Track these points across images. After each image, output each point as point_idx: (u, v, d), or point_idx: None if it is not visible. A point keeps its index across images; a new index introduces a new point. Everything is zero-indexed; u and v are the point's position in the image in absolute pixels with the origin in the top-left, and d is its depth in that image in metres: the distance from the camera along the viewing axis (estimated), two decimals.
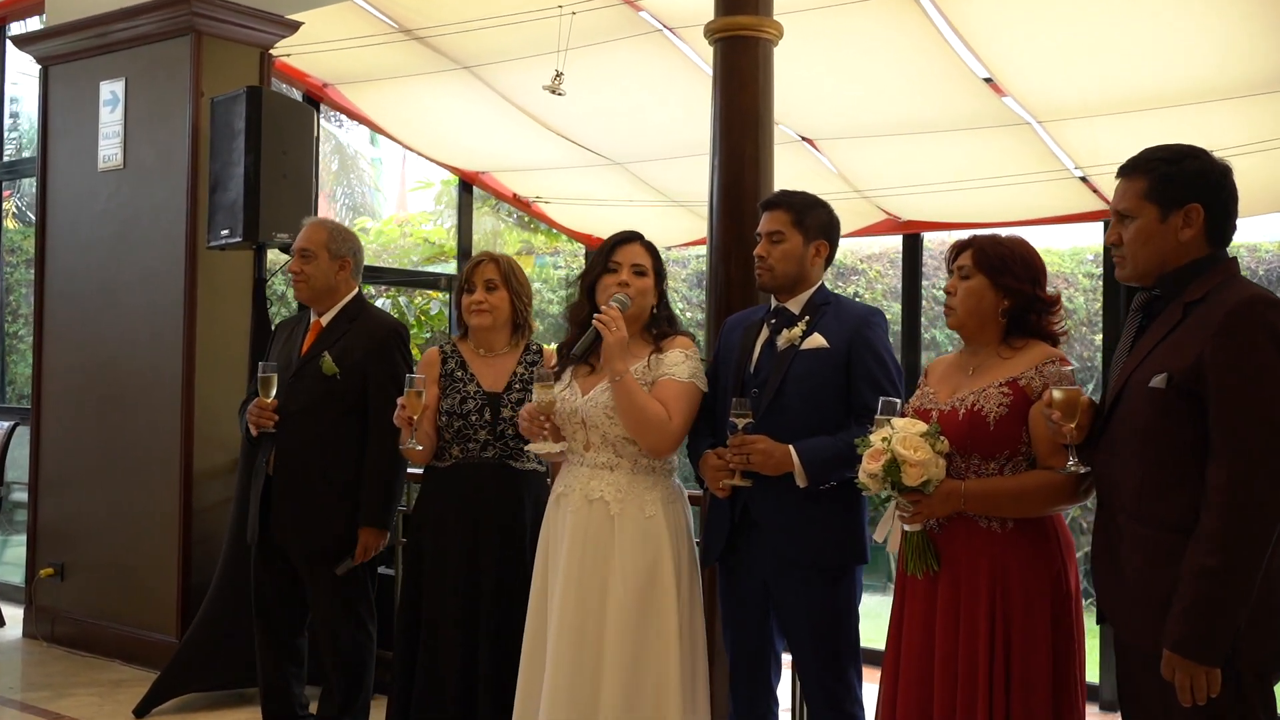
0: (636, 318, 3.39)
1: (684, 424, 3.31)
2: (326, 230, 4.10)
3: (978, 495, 2.77)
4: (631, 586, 3.23)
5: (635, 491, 3.31)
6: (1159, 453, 2.46)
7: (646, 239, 3.47)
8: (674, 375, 3.32)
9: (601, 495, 3.31)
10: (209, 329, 5.37)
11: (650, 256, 3.42)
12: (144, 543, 5.48)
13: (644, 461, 3.34)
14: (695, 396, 3.34)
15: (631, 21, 5.60)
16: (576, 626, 3.23)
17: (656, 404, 3.27)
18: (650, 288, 3.40)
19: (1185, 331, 2.45)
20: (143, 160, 5.59)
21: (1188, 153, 2.53)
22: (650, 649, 3.23)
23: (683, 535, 3.37)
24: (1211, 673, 2.33)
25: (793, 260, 3.30)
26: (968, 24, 5.08)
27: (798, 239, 3.30)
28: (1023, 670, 2.72)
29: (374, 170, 13.83)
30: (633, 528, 3.28)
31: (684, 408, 3.31)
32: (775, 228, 3.31)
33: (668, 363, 3.34)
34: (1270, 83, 4.90)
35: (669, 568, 3.28)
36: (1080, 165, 5.81)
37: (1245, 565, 2.31)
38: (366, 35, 6.03)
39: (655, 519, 3.31)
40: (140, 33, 5.56)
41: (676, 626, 3.26)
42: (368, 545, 3.94)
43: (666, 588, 3.27)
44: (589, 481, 3.33)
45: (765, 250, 3.32)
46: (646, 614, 3.23)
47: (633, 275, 3.37)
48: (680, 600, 3.28)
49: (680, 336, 3.41)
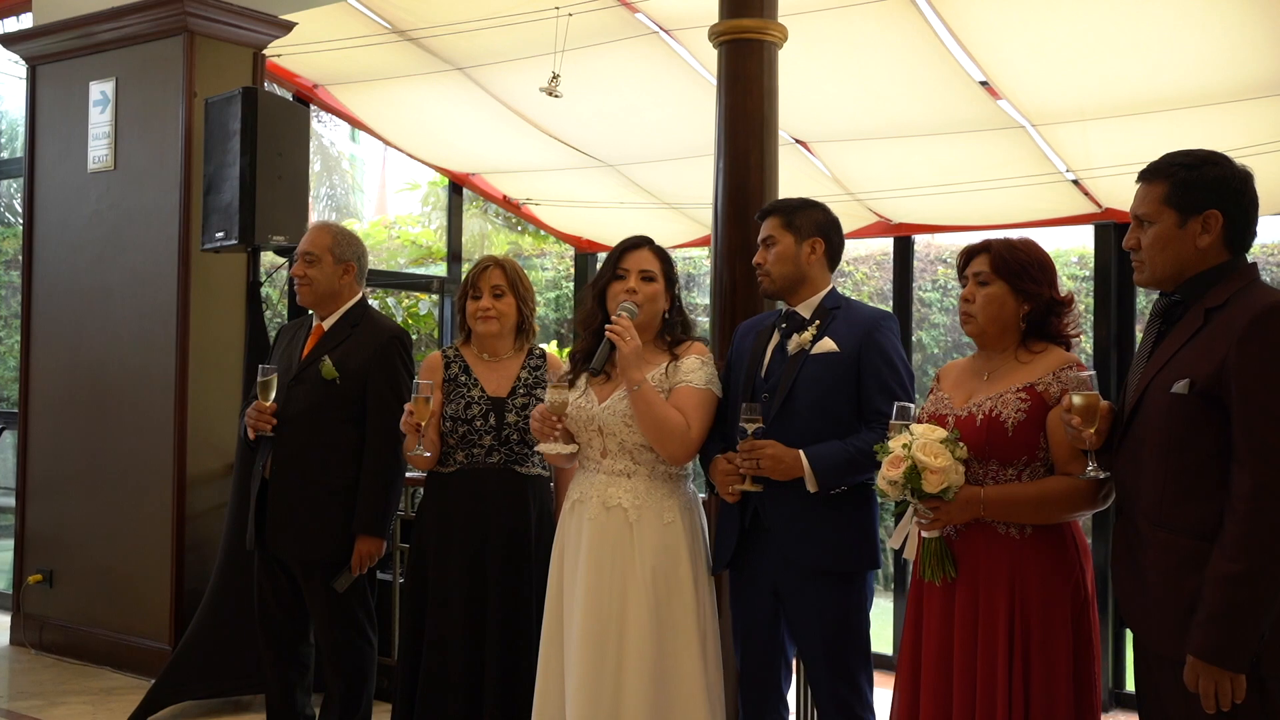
0: (648, 324, 3.37)
1: (702, 431, 3.31)
2: (331, 234, 4.05)
3: (997, 502, 2.77)
4: (651, 594, 3.22)
5: (653, 498, 3.30)
6: (1181, 459, 2.46)
7: (656, 244, 3.45)
8: (691, 382, 3.31)
9: (619, 502, 3.29)
10: (202, 332, 5.32)
11: (659, 261, 3.41)
12: (136, 548, 5.42)
13: (661, 468, 3.33)
14: (712, 403, 3.34)
15: (627, 23, 5.58)
16: (597, 633, 3.21)
17: (675, 412, 3.26)
18: (659, 293, 3.38)
19: (1207, 337, 2.45)
20: (134, 161, 5.53)
21: (1208, 158, 2.53)
22: (673, 657, 3.22)
23: (699, 541, 3.36)
24: (1236, 679, 2.33)
25: (787, 261, 3.31)
26: (966, 27, 5.09)
27: (789, 239, 3.32)
28: (1044, 677, 2.72)
29: (354, 170, 13.73)
30: (651, 534, 3.27)
31: (702, 415, 3.30)
32: (768, 233, 3.36)
33: (684, 369, 3.33)
34: (1264, 87, 4.93)
35: (688, 574, 3.28)
36: (1072, 168, 5.83)
37: (1269, 571, 2.32)
38: (359, 36, 5.99)
39: (674, 525, 3.30)
40: (131, 32, 5.50)
41: (699, 633, 3.25)
42: (364, 554, 3.88)
43: (686, 595, 3.26)
44: (606, 489, 3.31)
45: (761, 257, 3.36)
46: (666, 621, 3.23)
47: (640, 282, 3.36)
48: (700, 607, 3.28)
49: (695, 342, 3.40)
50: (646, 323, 3.36)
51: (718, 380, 3.38)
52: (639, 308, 3.32)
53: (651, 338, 3.39)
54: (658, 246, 3.45)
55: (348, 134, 12.94)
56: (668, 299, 3.41)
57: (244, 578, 4.52)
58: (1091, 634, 2.80)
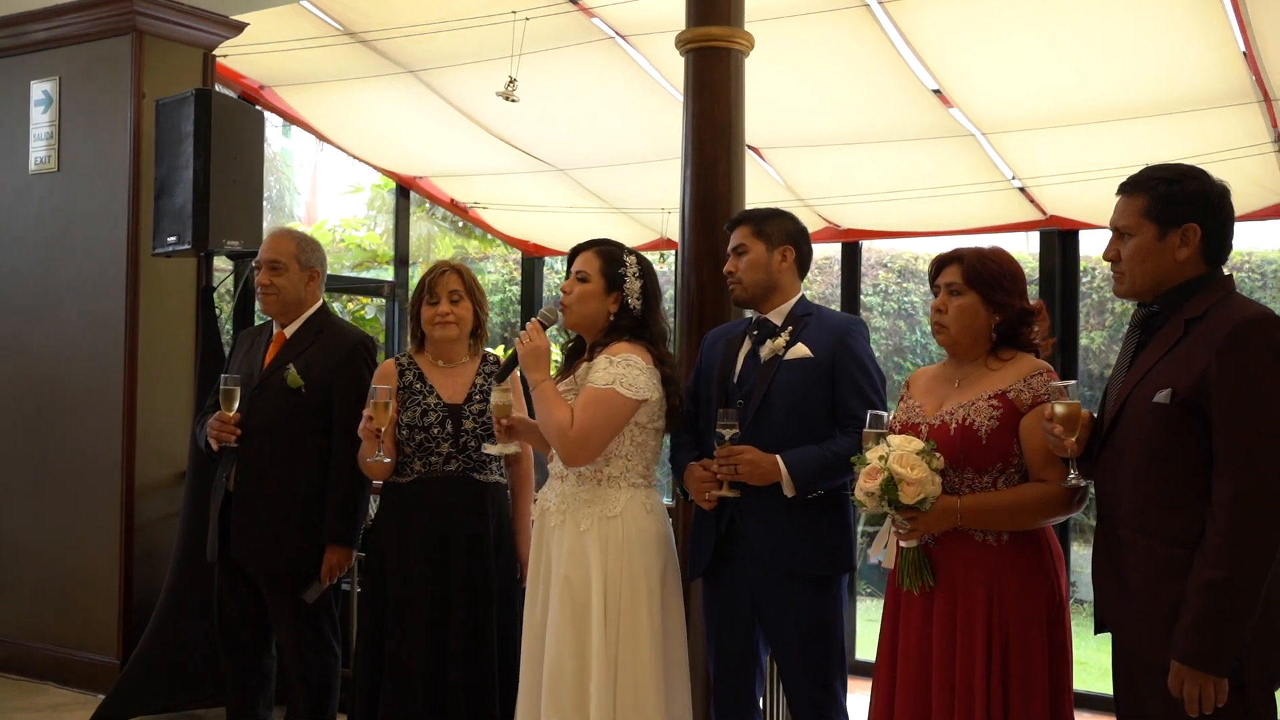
0: (588, 325, 3.34)
1: (590, 430, 3.17)
2: (295, 240, 4.00)
3: (974, 510, 2.80)
4: (559, 602, 3.21)
5: (575, 504, 3.26)
6: (1163, 467, 2.51)
7: (610, 246, 3.39)
8: (592, 381, 3.23)
9: (550, 505, 3.32)
10: (152, 338, 5.20)
11: (599, 261, 3.34)
12: (83, 560, 5.28)
13: (589, 473, 3.27)
14: (611, 402, 3.18)
15: (584, 28, 5.57)
16: (562, 637, 3.21)
17: (562, 410, 3.19)
18: (591, 294, 3.31)
19: (1187, 348, 2.50)
20: (79, 163, 5.40)
21: (1187, 173, 2.59)
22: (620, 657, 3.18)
23: (652, 546, 3.26)
24: (1219, 683, 2.39)
25: (759, 268, 3.34)
26: (920, 36, 5.15)
27: (760, 247, 3.34)
28: (1021, 681, 2.75)
29: (288, 170, 13.51)
30: (566, 540, 3.25)
31: (593, 414, 3.17)
32: (738, 242, 3.38)
33: (594, 369, 3.26)
34: (1207, 99, 5.05)
35: (598, 587, 3.19)
36: (1019, 176, 5.93)
37: (1251, 578, 2.37)
38: (311, 37, 5.91)
39: (588, 533, 3.23)
40: (76, 31, 5.36)
41: (608, 648, 3.17)
42: (334, 564, 3.84)
43: (594, 607, 3.19)
44: (548, 491, 3.36)
45: (732, 265, 3.38)
46: (582, 632, 3.19)
47: (574, 282, 3.34)
48: (608, 622, 3.18)
49: (619, 343, 3.27)
50: (585, 324, 3.34)
51: (635, 380, 3.21)
52: (564, 309, 3.32)
53: (593, 340, 3.35)
54: (606, 249, 3.37)
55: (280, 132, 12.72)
56: (613, 301, 3.33)
57: (199, 588, 4.45)
58: (1066, 639, 2.84)
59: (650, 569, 3.24)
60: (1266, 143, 5.13)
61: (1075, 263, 6.16)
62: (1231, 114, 5.06)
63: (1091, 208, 5.77)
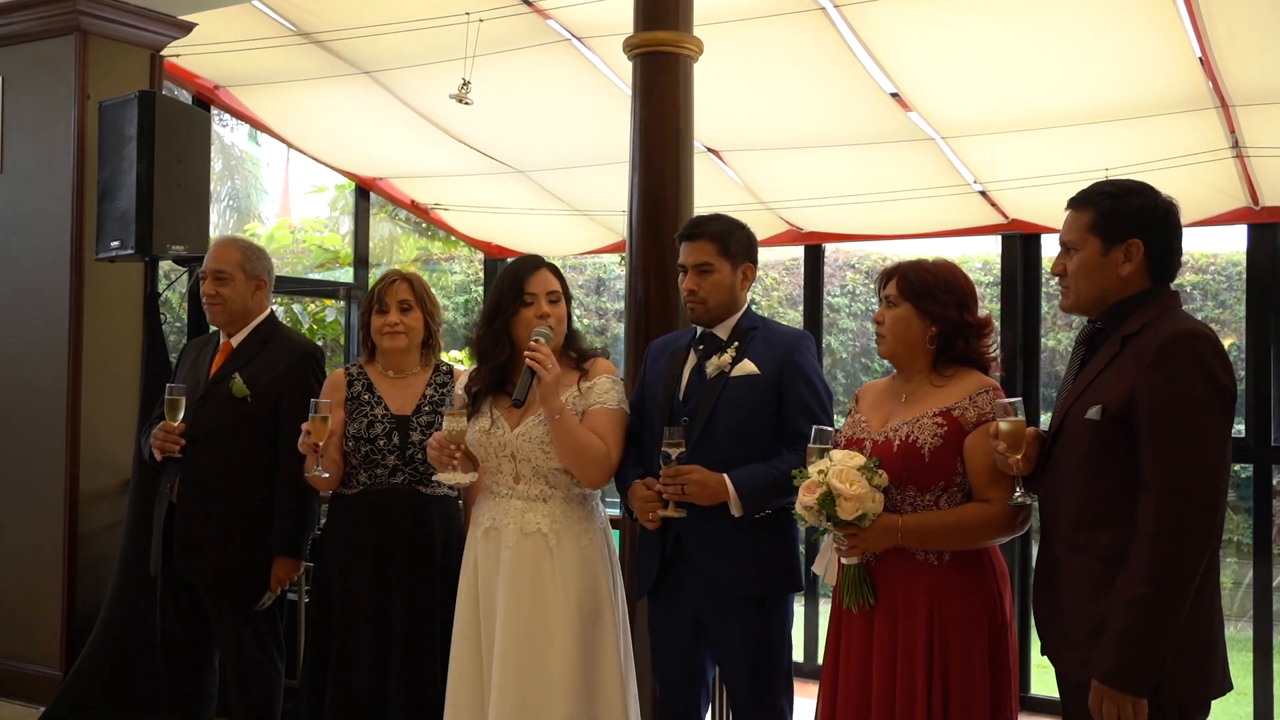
0: (555, 345, 3.31)
1: (621, 453, 3.28)
2: (240, 249, 3.92)
3: (915, 530, 2.76)
4: (576, 615, 3.19)
5: (570, 521, 3.26)
6: (1095, 484, 2.48)
7: (548, 261, 3.38)
8: (605, 404, 3.27)
9: (538, 527, 3.24)
10: (96, 345, 5.11)
11: (559, 279, 3.35)
12: (23, 570, 5.19)
13: (575, 491, 3.29)
14: (625, 422, 3.32)
15: (540, 30, 5.50)
16: (516, 658, 3.16)
17: (595, 438, 3.21)
18: (565, 313, 3.34)
19: (1121, 364, 2.48)
20: (21, 165, 5.29)
21: (1133, 189, 2.56)
22: (597, 675, 3.20)
23: (615, 561, 3.36)
24: (1138, 703, 2.35)
25: (724, 290, 3.25)
26: (877, 40, 5.11)
27: (726, 267, 3.25)
28: (961, 702, 2.71)
29: (256, 171, 13.40)
30: (572, 557, 3.23)
31: (620, 438, 3.29)
32: (702, 259, 3.24)
33: (598, 391, 3.28)
34: (1164, 104, 5.04)
35: (606, 595, 3.27)
36: (980, 180, 5.91)
37: (1173, 596, 2.34)
38: (263, 37, 5.82)
39: (590, 547, 3.28)
40: (18, 30, 5.26)
41: (618, 652, 3.25)
42: (281, 576, 3.79)
43: (606, 615, 3.25)
44: (523, 515, 3.25)
45: (695, 284, 3.25)
46: (592, 641, 3.20)
47: (549, 305, 3.29)
48: (617, 626, 3.28)
49: (601, 360, 3.35)
50: (555, 343, 3.31)
51: (626, 398, 3.35)
52: (553, 331, 3.26)
53: (557, 357, 3.32)
54: (551, 264, 3.37)
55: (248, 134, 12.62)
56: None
57: (142, 600, 4.38)
58: (1009, 658, 2.80)
59: (617, 582, 3.34)
60: (1224, 148, 5.12)
61: (1038, 266, 6.15)
62: (1190, 119, 5.05)
63: (1053, 212, 5.66)
